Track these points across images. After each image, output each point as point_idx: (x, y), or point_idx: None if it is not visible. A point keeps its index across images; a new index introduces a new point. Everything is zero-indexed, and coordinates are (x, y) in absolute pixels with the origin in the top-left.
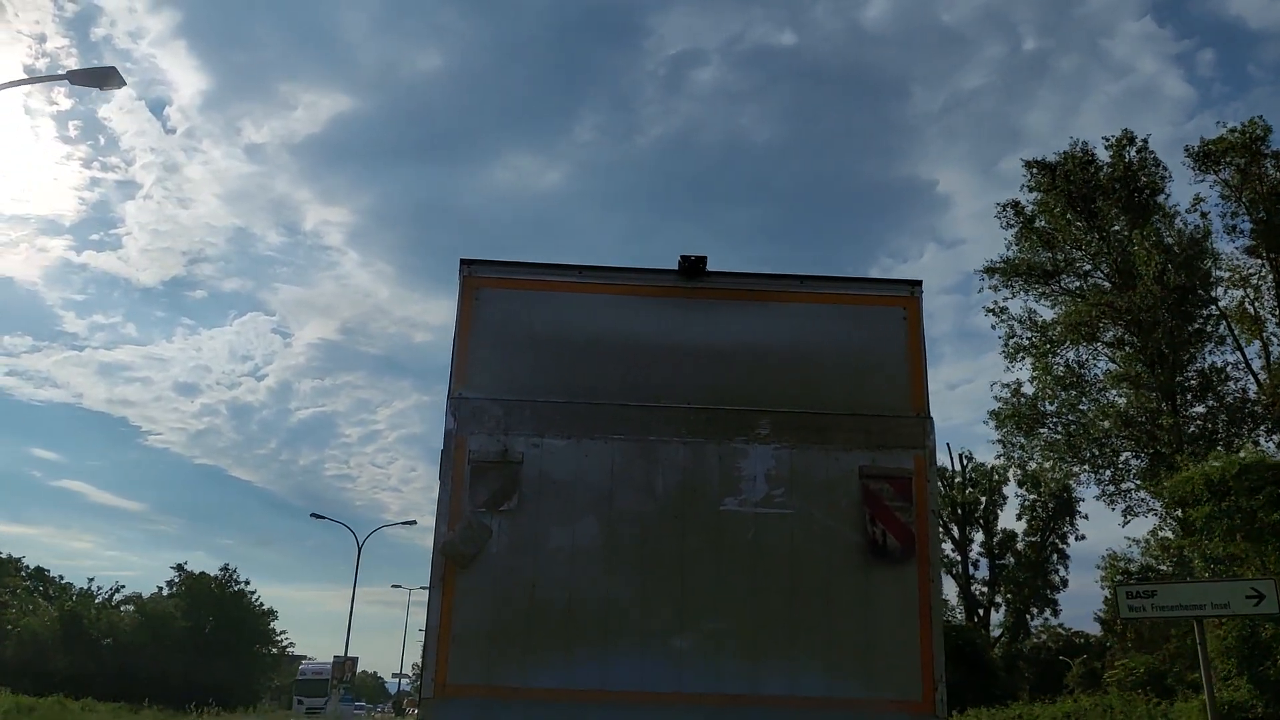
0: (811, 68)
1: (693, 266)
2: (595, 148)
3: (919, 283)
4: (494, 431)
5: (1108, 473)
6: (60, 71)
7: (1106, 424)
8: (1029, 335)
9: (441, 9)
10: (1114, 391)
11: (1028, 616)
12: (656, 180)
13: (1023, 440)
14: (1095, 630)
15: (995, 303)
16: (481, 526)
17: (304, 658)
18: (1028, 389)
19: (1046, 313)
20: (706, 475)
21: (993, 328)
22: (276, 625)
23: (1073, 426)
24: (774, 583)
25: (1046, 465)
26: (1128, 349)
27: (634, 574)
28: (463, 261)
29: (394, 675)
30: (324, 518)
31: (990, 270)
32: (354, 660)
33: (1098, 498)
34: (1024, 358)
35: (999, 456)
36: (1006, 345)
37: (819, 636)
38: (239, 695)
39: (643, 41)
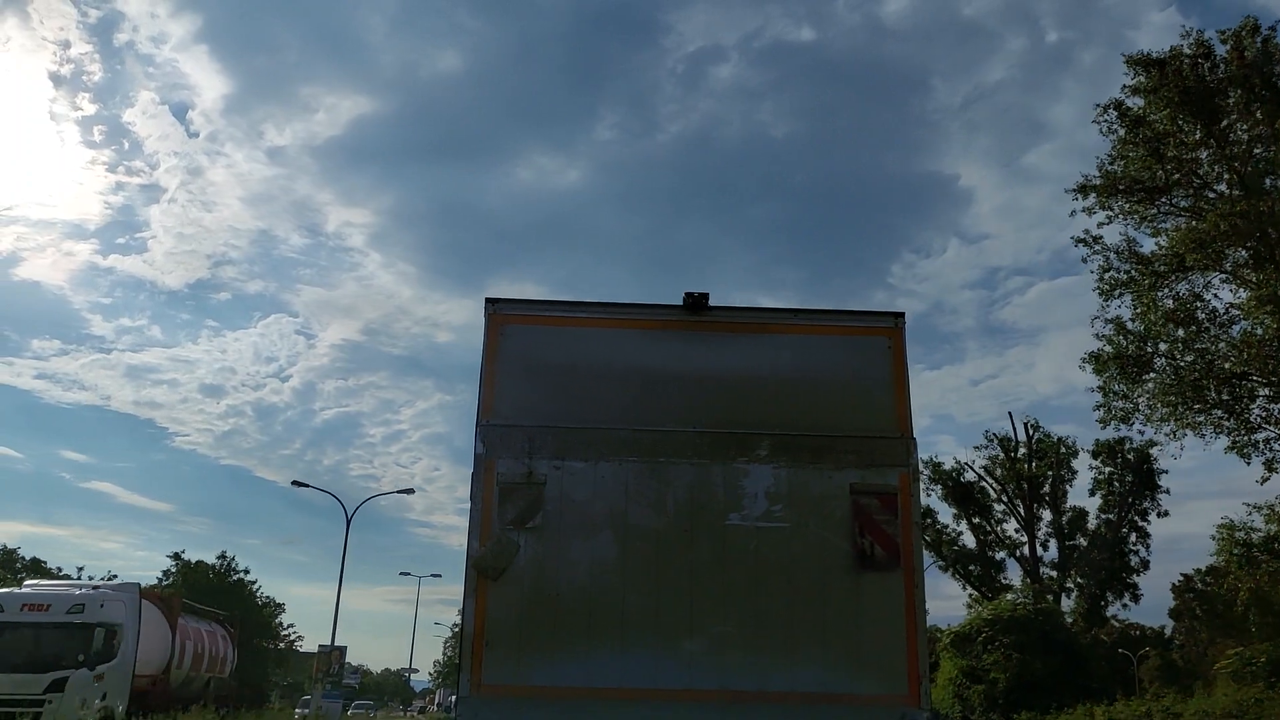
0: (830, 63)
1: (696, 302)
2: (614, 146)
3: (902, 315)
4: (519, 455)
5: (1230, 421)
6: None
7: (1235, 359)
8: (1128, 267)
9: (459, 9)
10: (1245, 323)
11: (1102, 603)
12: (675, 177)
13: (1125, 388)
14: (1151, 622)
15: (1087, 231)
16: (510, 542)
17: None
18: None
19: (1147, 242)
20: (712, 493)
21: (1084, 260)
22: (284, 619)
23: (1194, 368)
24: (774, 589)
25: (1157, 416)
26: (1269, 268)
27: (647, 583)
28: (488, 300)
29: (401, 670)
30: (306, 485)
31: (1084, 189)
32: (341, 649)
33: (1228, 449)
34: (1122, 294)
35: (1098, 407)
36: (1101, 280)
37: (815, 637)
38: (241, 695)
39: (661, 39)
